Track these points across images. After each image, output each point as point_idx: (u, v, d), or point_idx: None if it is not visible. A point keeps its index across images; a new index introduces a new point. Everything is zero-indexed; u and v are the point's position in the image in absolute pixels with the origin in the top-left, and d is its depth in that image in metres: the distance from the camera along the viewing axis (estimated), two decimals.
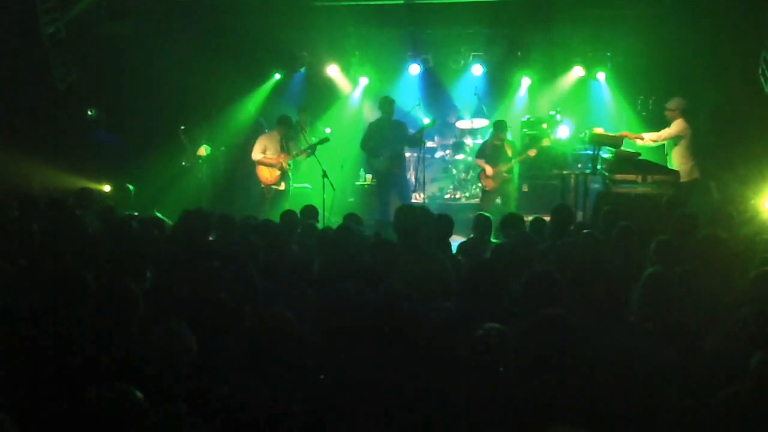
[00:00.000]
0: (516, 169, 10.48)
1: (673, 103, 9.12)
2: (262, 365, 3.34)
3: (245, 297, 4.11)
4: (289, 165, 10.09)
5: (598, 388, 3.17)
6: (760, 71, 9.07)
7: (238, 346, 3.51)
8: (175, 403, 2.92)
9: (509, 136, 10.51)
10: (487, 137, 10.66)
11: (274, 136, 10.12)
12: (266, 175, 10.09)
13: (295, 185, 10.82)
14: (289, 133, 10.16)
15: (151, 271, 4.81)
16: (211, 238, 6.19)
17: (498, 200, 10.29)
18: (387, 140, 10.00)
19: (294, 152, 10.06)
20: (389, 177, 10.17)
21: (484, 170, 10.23)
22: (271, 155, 10.01)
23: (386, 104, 10.07)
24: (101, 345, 3.46)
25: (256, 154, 10.05)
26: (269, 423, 2.85)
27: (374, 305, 3.73)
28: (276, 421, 2.84)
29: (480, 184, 10.52)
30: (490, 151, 10.22)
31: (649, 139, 9.18)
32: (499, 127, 10.24)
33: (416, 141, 10.40)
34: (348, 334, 3.54)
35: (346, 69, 12.14)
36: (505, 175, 10.13)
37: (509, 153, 10.13)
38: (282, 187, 10.15)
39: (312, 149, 9.99)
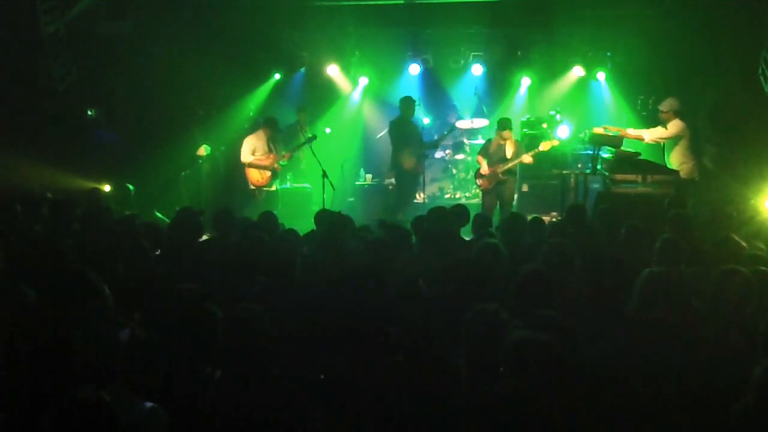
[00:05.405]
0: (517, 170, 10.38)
1: (664, 105, 9.11)
2: (233, 361, 3.33)
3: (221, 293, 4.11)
4: (280, 166, 10.06)
5: (597, 386, 3.17)
6: (760, 71, 9.06)
7: (210, 341, 3.49)
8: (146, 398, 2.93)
9: (515, 136, 10.14)
10: (492, 135, 10.37)
11: (260, 136, 10.02)
12: (257, 176, 10.00)
13: (295, 185, 10.81)
14: (274, 135, 10.09)
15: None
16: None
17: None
18: (414, 140, 10.10)
19: (281, 153, 10.03)
20: (415, 177, 10.34)
21: (480, 168, 9.95)
22: (260, 156, 9.97)
23: (408, 104, 10.07)
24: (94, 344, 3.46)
25: (246, 156, 9.94)
26: (241, 419, 2.85)
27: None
28: (248, 418, 2.83)
29: (477, 182, 10.28)
30: (493, 150, 9.83)
31: (650, 139, 9.13)
32: (502, 125, 9.81)
33: (435, 145, 10.76)
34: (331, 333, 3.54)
35: (346, 69, 12.14)
36: (500, 176, 9.69)
37: (509, 155, 9.70)
38: (273, 188, 10.10)
39: (296, 149, 10.09)
